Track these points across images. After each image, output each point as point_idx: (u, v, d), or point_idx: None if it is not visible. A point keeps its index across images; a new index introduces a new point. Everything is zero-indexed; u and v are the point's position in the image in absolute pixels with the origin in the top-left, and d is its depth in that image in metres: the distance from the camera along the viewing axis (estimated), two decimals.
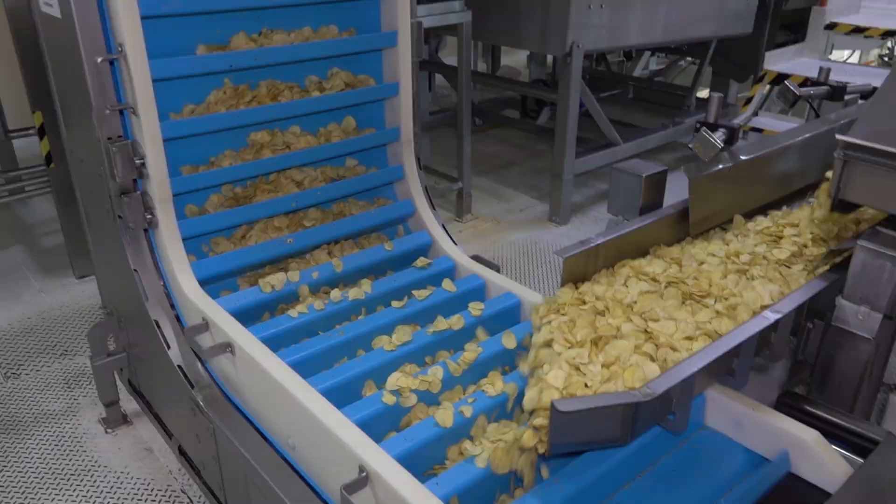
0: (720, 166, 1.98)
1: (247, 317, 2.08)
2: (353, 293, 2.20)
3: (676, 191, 2.10)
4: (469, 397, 1.77)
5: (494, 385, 1.80)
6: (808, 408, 1.62)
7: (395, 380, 1.80)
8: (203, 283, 2.13)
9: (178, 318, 2.16)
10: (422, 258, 2.39)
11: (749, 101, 5.14)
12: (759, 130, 4.82)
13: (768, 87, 4.92)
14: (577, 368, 1.45)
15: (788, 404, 1.63)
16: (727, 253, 1.87)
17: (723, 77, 5.81)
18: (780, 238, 1.95)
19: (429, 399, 1.82)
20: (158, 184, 2.06)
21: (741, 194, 2.10)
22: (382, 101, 2.58)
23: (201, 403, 1.99)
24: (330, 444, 1.57)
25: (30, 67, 3.22)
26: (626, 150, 4.60)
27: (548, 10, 3.95)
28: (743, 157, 2.02)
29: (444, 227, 2.59)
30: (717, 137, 1.99)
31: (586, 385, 1.41)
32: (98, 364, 2.56)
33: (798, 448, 1.49)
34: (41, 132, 3.35)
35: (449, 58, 6.32)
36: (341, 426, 1.57)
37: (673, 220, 2.00)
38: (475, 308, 2.13)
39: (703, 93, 5.97)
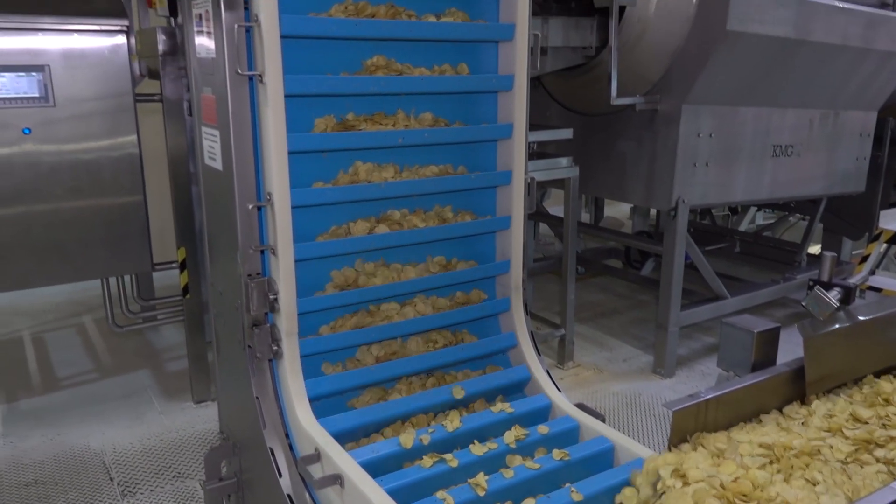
0: (836, 326, 1.95)
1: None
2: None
3: (789, 348, 2.07)
4: (430, 428, 2.18)
5: (452, 422, 2.23)
6: None
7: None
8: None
9: (290, 447, 2.25)
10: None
11: (865, 259, 4.99)
12: (878, 290, 4.64)
13: (885, 246, 4.79)
14: None
15: None
16: (779, 444, 1.69)
17: (835, 234, 5.71)
18: (850, 428, 1.78)
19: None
20: (287, 318, 2.23)
21: (860, 356, 2.05)
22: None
23: None
24: None
25: (181, 209, 3.63)
26: (734, 304, 4.53)
27: (653, 167, 4.10)
28: (861, 318, 1.99)
29: (549, 373, 2.62)
30: (833, 296, 1.98)
31: None
32: (210, 488, 2.66)
33: None
34: (182, 266, 3.70)
35: (553, 207, 6.56)
36: None
37: (787, 378, 1.97)
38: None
39: (815, 249, 5.86)
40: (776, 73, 4.10)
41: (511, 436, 2.20)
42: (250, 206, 2.18)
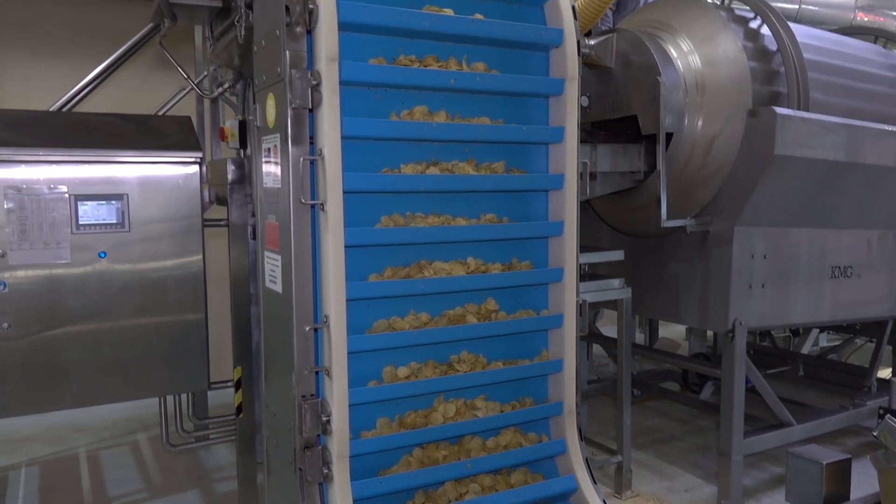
0: None
1: None
2: None
3: (865, 480, 1.96)
4: None
5: None
6: None
7: None
8: None
9: None
10: None
11: None
12: None
13: None
14: None
15: None
16: None
17: None
18: None
19: None
20: (339, 440, 2.23)
21: None
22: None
23: None
24: None
25: (239, 328, 3.73)
26: (801, 431, 4.30)
27: (707, 289, 4.06)
28: None
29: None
30: None
31: None
32: None
33: None
34: (237, 385, 3.76)
35: (606, 327, 6.49)
36: None
37: None
38: None
39: (885, 373, 5.59)
40: (828, 195, 4.10)
41: None
42: (307, 329, 2.24)
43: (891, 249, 4.60)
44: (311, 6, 2.19)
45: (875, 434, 1.93)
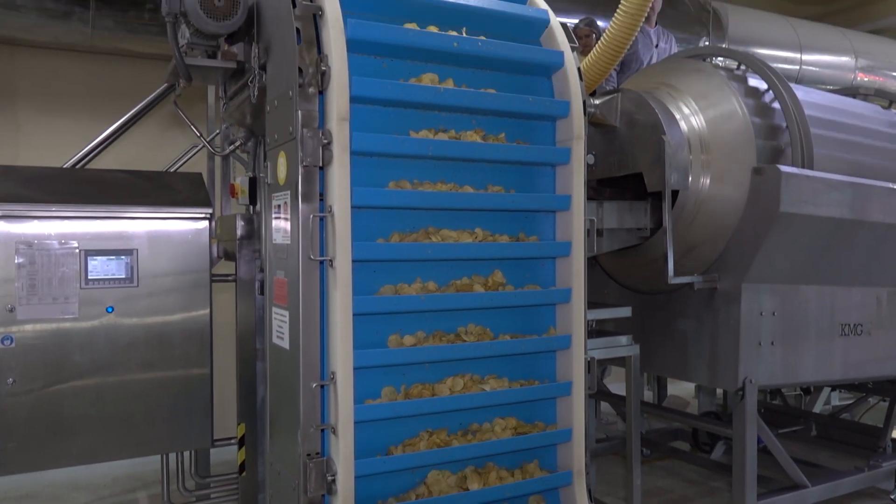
0: None
1: None
2: None
3: None
4: None
5: None
6: None
7: None
8: None
9: None
10: None
11: None
12: None
13: None
14: None
15: None
16: None
17: None
18: None
19: None
20: (344, 501, 2.19)
21: None
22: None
23: None
24: None
25: (244, 384, 3.70)
26: (816, 493, 4.19)
27: (716, 346, 4.03)
28: None
29: None
30: None
31: None
32: None
33: None
34: (241, 442, 3.70)
35: (614, 385, 6.40)
36: None
37: None
38: None
39: None
40: (835, 252, 4.09)
41: None
42: (314, 385, 2.23)
43: None
44: (323, 68, 2.25)
45: (893, 497, 1.88)
